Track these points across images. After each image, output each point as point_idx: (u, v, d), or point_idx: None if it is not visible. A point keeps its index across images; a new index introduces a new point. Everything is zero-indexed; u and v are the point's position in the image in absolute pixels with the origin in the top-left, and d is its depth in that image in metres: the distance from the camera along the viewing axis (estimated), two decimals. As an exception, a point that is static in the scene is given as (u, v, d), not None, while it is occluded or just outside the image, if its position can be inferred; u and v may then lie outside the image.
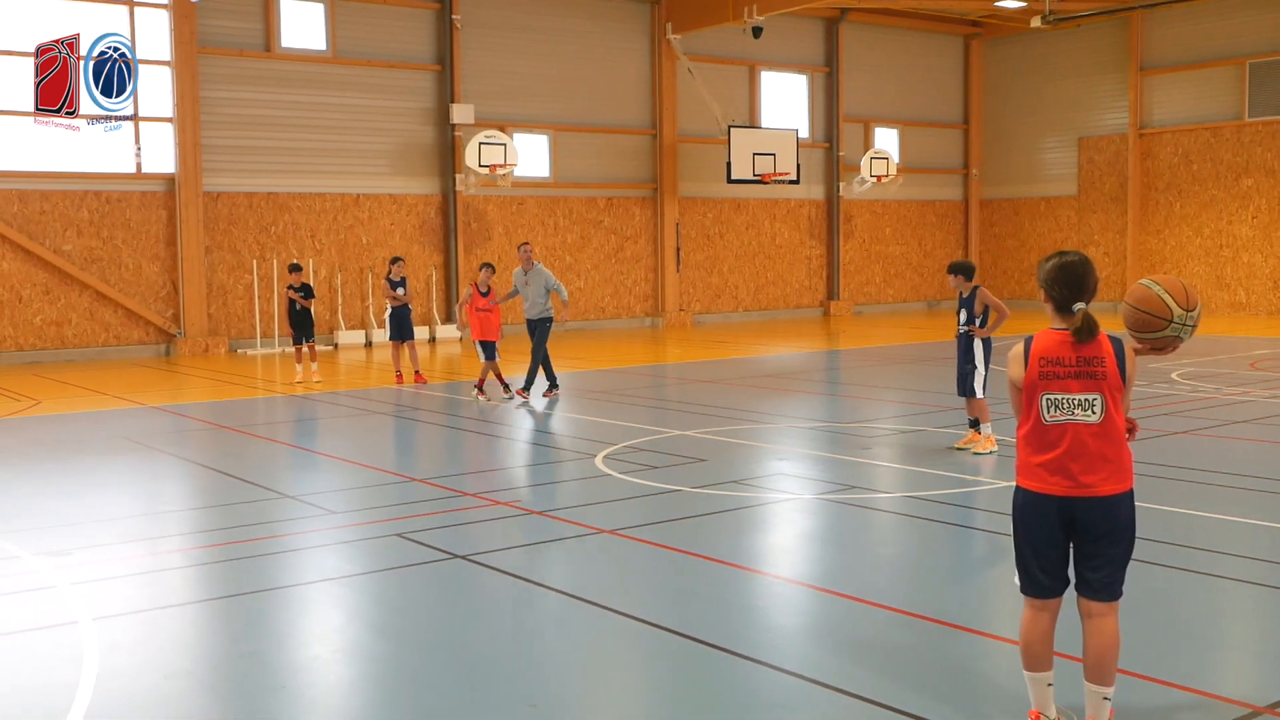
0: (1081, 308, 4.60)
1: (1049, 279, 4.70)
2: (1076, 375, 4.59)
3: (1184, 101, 32.03)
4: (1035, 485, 4.69)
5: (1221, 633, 6.34)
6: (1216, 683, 5.55)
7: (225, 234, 24.12)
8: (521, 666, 5.80)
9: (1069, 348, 4.60)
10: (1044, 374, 4.62)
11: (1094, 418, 4.58)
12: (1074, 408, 4.59)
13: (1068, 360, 4.60)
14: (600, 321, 29.48)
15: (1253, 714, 5.04)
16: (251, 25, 24.30)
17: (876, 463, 11.23)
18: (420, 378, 17.93)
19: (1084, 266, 4.69)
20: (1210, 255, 31.70)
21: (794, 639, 6.28)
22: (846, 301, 34.05)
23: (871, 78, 34.27)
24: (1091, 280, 4.68)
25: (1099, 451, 4.58)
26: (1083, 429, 4.59)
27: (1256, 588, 6.96)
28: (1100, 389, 4.58)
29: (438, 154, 26.79)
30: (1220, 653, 6.06)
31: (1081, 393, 4.58)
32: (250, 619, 6.64)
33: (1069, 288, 4.65)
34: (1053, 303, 4.70)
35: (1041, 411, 4.65)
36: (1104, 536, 4.63)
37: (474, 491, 9.90)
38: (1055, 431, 4.62)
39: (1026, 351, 4.69)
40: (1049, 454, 4.64)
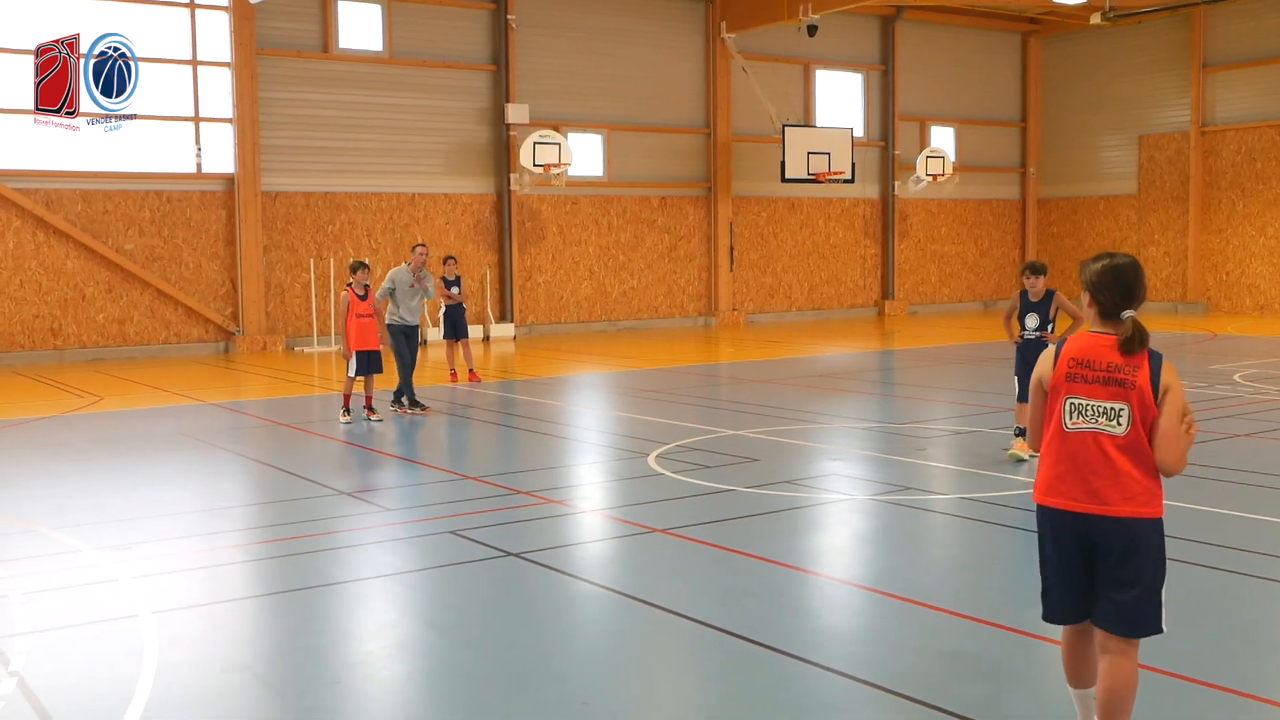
0: (1131, 315, 4.32)
1: (1097, 282, 4.39)
2: (1105, 381, 4.27)
3: (1248, 98, 31.49)
4: (1052, 500, 4.40)
5: (1278, 637, 6.24)
6: (1274, 688, 5.46)
7: (283, 233, 24.40)
8: (573, 664, 5.82)
9: (1103, 352, 4.31)
10: (1071, 375, 4.34)
11: (1119, 429, 4.25)
12: (1098, 415, 4.28)
13: (1098, 364, 4.30)
14: (653, 321, 29.49)
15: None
16: (309, 27, 24.56)
17: (931, 464, 11.15)
18: (474, 376, 18.02)
19: (1134, 271, 4.39)
20: (1274, 254, 31.15)
21: (846, 640, 6.26)
22: (901, 301, 33.83)
23: (927, 76, 34.00)
24: (1142, 286, 4.39)
25: (1123, 468, 4.25)
26: (1106, 440, 4.27)
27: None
28: (1129, 399, 4.23)
29: (492, 153, 26.93)
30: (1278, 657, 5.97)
31: (1108, 400, 4.26)
32: (306, 614, 6.71)
33: (1118, 293, 4.35)
34: (1098, 307, 4.39)
35: (1064, 416, 4.36)
36: (1122, 564, 4.29)
37: (527, 490, 9.94)
38: (1076, 440, 4.33)
39: (1058, 352, 4.43)
40: (1067, 464, 4.34)
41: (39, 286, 22.18)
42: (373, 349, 14.08)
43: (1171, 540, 7.76)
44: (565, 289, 28.18)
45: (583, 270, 28.40)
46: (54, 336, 22.37)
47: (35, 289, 22.15)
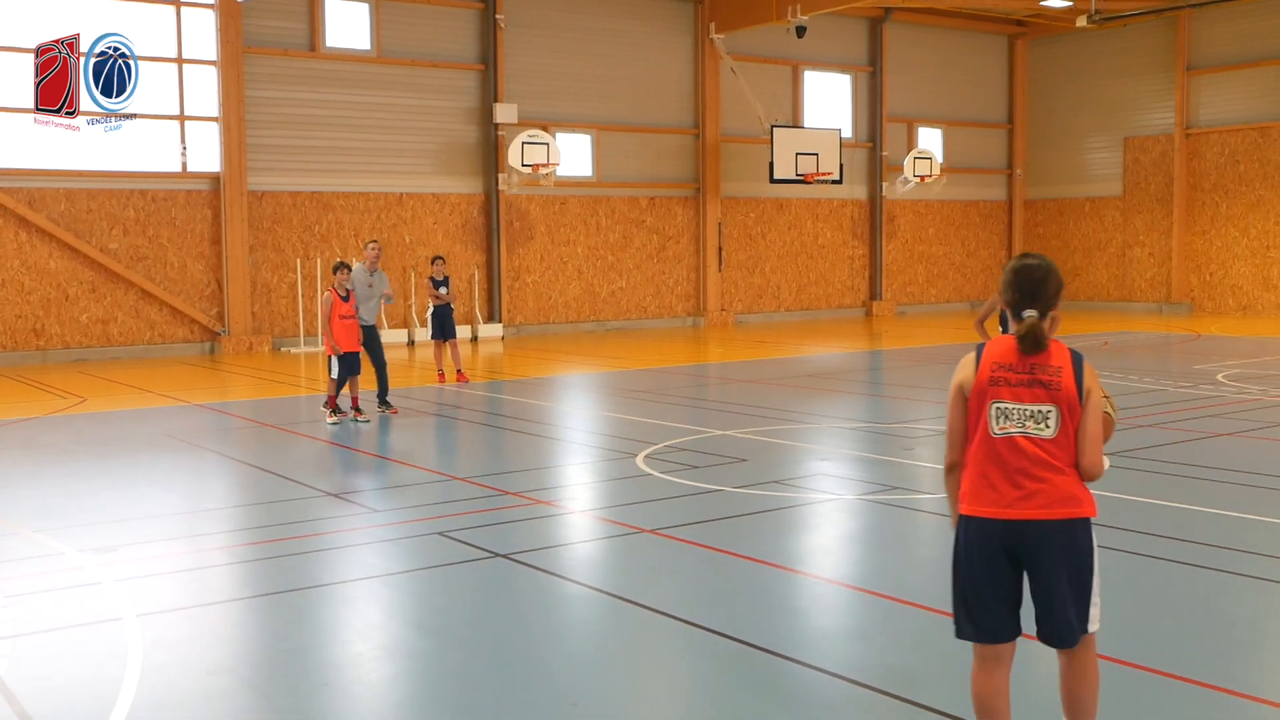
0: (1032, 315, 4.23)
1: (1005, 282, 4.35)
2: (1029, 384, 4.20)
3: (1231, 101, 31.62)
4: (978, 509, 4.26)
5: (1267, 636, 6.25)
6: (1259, 685, 5.47)
7: (269, 233, 24.32)
8: (562, 665, 5.80)
9: (1020, 354, 4.25)
10: (995, 379, 4.24)
11: (1047, 432, 4.19)
12: (1025, 419, 4.20)
13: (1020, 367, 4.22)
14: (642, 321, 29.48)
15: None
16: (297, 25, 24.49)
17: (919, 463, 11.15)
18: (462, 377, 17.99)
19: (1042, 272, 4.31)
20: (1257, 256, 31.28)
21: (835, 640, 6.25)
22: (889, 302, 33.87)
23: (915, 77, 34.07)
24: (1050, 287, 4.29)
25: (1054, 468, 4.18)
26: (1034, 444, 4.19)
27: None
28: (1056, 401, 4.18)
29: (481, 153, 26.88)
30: (1265, 656, 5.98)
31: (1033, 403, 4.19)
32: (292, 616, 6.68)
33: (1020, 292, 4.29)
34: (1008, 307, 4.33)
35: (990, 422, 4.24)
36: (1058, 570, 4.19)
37: (515, 490, 9.92)
38: (1004, 445, 4.22)
39: (979, 356, 4.33)
40: (997, 470, 4.22)
41: (21, 286, 22.06)
42: (355, 350, 14.03)
43: (1154, 538, 7.83)
44: (553, 289, 28.15)
45: (571, 270, 28.37)
46: (37, 337, 22.25)
47: (18, 289, 22.04)
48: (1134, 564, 7.29)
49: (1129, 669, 5.46)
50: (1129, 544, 7.67)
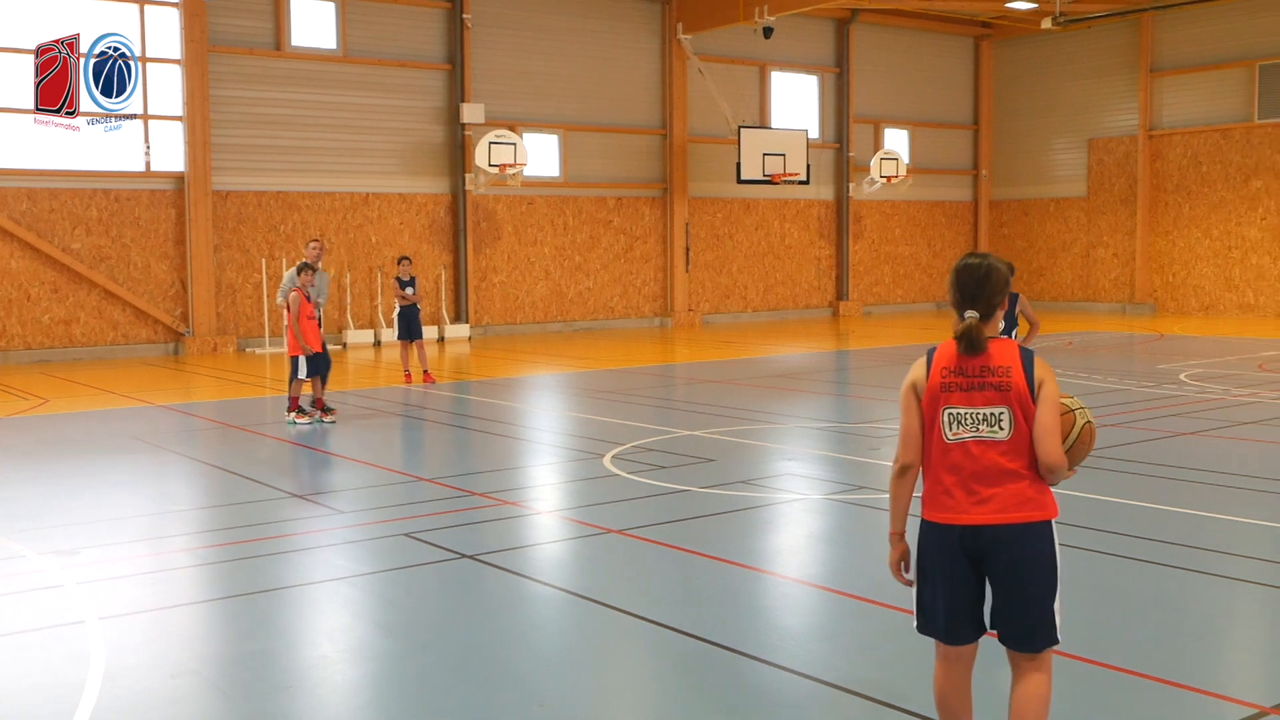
0: (972, 316, 4.15)
1: (950, 281, 4.28)
2: (980, 387, 4.10)
3: (1194, 103, 31.94)
4: (936, 514, 4.18)
5: (1231, 634, 6.31)
6: (1225, 684, 5.52)
7: (234, 233, 24.15)
8: (530, 667, 5.79)
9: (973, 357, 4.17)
10: (946, 385, 4.15)
11: (1002, 434, 4.08)
12: (979, 423, 4.10)
13: (970, 370, 4.13)
14: (609, 321, 29.47)
15: (1259, 714, 5.02)
16: (262, 24, 24.34)
17: (885, 463, 11.19)
18: (429, 377, 17.92)
19: (983, 270, 4.23)
20: (1219, 257, 31.61)
21: (803, 639, 6.27)
22: (855, 302, 34.00)
23: (882, 78, 34.22)
24: (992, 286, 4.20)
25: (1011, 471, 4.08)
26: (990, 447, 4.09)
27: (1266, 589, 6.93)
28: (1008, 402, 4.08)
29: (447, 153, 26.80)
30: (1229, 654, 6.04)
31: (986, 406, 4.09)
32: (257, 618, 6.64)
33: (961, 292, 4.23)
34: (953, 308, 4.28)
35: (943, 428, 4.15)
36: (1016, 574, 4.10)
37: (482, 491, 9.89)
38: (958, 451, 4.13)
39: (930, 359, 4.25)
40: (952, 477, 4.13)
41: (-16, 286, 21.83)
42: (319, 350, 14.01)
43: (1117, 536, 7.88)
44: (521, 289, 28.10)
45: (538, 271, 28.33)
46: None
47: (-20, 289, 21.80)
48: (1096, 562, 7.35)
49: (1092, 666, 5.50)
50: (1091, 542, 7.73)
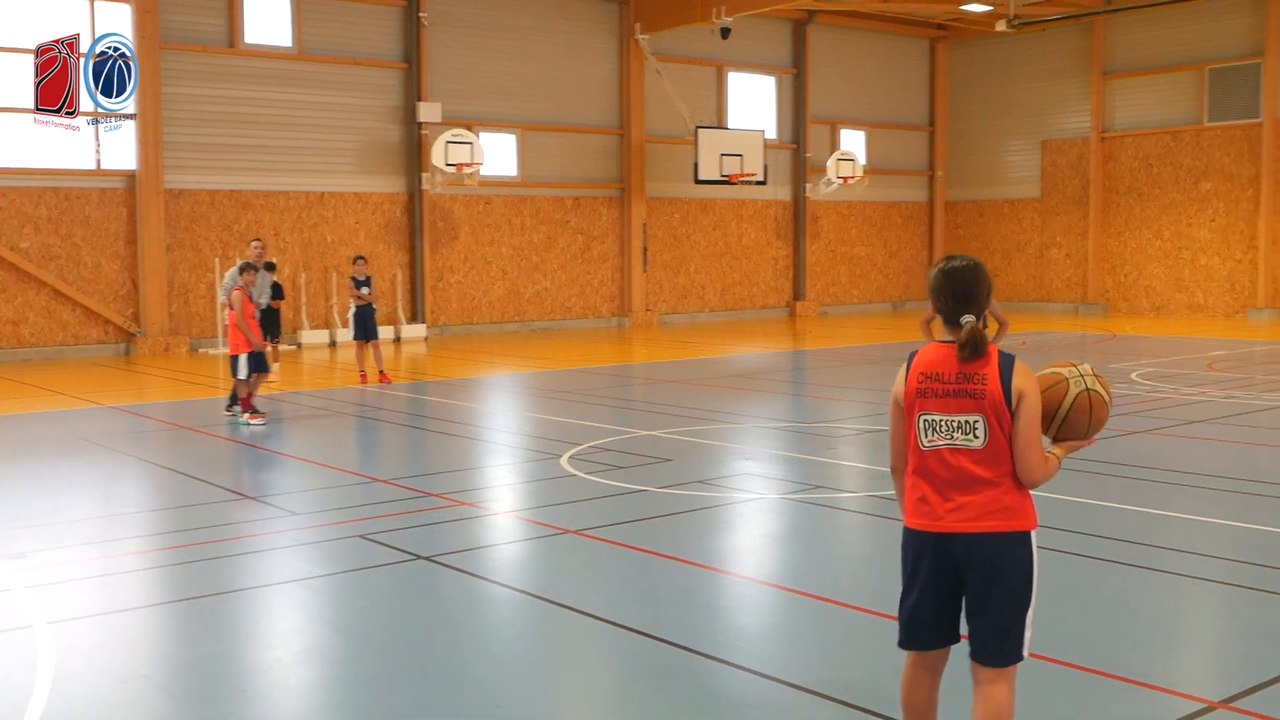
0: (970, 320, 4.04)
1: (935, 287, 4.14)
2: (956, 394, 4.01)
3: (1145, 106, 32.32)
4: (914, 521, 4.14)
5: (1180, 629, 6.38)
6: (1174, 679, 5.58)
7: (187, 232, 23.90)
8: (486, 668, 5.76)
9: (951, 363, 4.04)
10: (922, 391, 4.07)
11: (976, 443, 4.00)
12: (953, 430, 4.02)
13: (948, 376, 4.03)
14: (566, 321, 29.43)
15: (1207, 709, 5.07)
16: (215, 21, 24.10)
17: (842, 462, 11.25)
18: (385, 378, 17.82)
19: (973, 274, 4.12)
20: (1169, 257, 31.99)
21: (760, 639, 6.27)
22: (812, 302, 34.14)
23: (838, 80, 34.38)
24: (982, 289, 4.11)
25: (985, 480, 4.00)
26: (964, 456, 4.02)
27: (1214, 585, 7.01)
28: (982, 410, 3.98)
29: (404, 152, 26.66)
30: (1178, 649, 6.10)
31: (960, 414, 4.00)
32: (210, 622, 6.56)
33: (955, 298, 4.09)
34: (940, 314, 4.15)
35: (919, 435, 4.10)
36: (987, 584, 4.03)
37: (438, 492, 9.84)
38: (934, 458, 4.07)
39: (908, 366, 4.16)
40: (928, 484, 4.09)
41: (-70, 286, 21.49)
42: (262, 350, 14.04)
43: (1067, 534, 7.95)
44: (478, 290, 28.00)
45: (495, 271, 28.23)
46: (-53, 337, 21.68)
47: (-73, 288, 21.46)
48: (1049, 559, 7.40)
49: (1045, 663, 5.53)
50: (1043, 540, 7.78)
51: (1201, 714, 5.03)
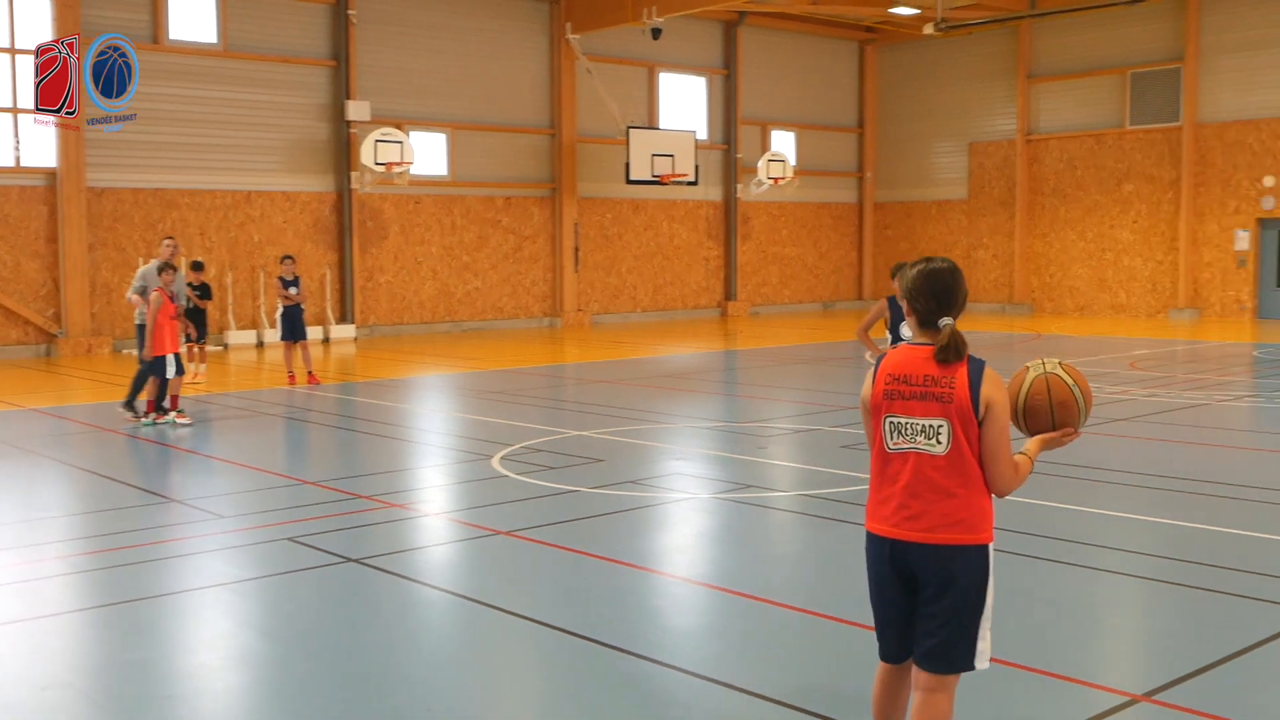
0: (949, 323, 3.99)
1: (913, 288, 4.06)
2: (922, 396, 3.93)
3: (1069, 109, 32.88)
4: (873, 525, 4.08)
5: (1103, 624, 6.49)
6: (1098, 672, 5.67)
7: (110, 231, 23.48)
8: (417, 670, 5.71)
9: (920, 365, 3.98)
10: (889, 393, 4.00)
11: (938, 448, 3.92)
12: (916, 434, 3.95)
13: (914, 378, 3.96)
14: (497, 321, 29.31)
15: (1130, 701, 5.17)
16: (138, 16, 23.69)
17: (773, 462, 11.31)
18: (313, 378, 17.63)
19: (952, 276, 4.05)
20: (1093, 258, 32.57)
21: (692, 638, 6.29)
22: (744, 302, 34.31)
23: (769, 81, 34.59)
24: (961, 292, 4.05)
25: (944, 489, 3.92)
26: (925, 461, 3.94)
27: (1137, 580, 7.14)
28: (947, 414, 3.90)
29: (332, 151, 26.39)
30: (1102, 643, 6.21)
31: (924, 417, 3.93)
32: (134, 627, 6.45)
33: (935, 299, 4.02)
34: (916, 315, 4.07)
35: (885, 437, 4.02)
36: (939, 594, 3.95)
37: (368, 494, 9.75)
38: (897, 462, 4.00)
39: (876, 368, 4.10)
40: (889, 487, 4.01)
41: None
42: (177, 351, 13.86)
43: (1000, 532, 8.03)
44: (408, 289, 27.80)
45: (426, 270, 28.05)
46: None
47: None
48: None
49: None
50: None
51: (1125, 707, 5.12)
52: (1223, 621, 6.31)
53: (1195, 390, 16.17)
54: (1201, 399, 15.22)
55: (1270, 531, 8.21)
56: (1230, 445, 12.22)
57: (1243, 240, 29.98)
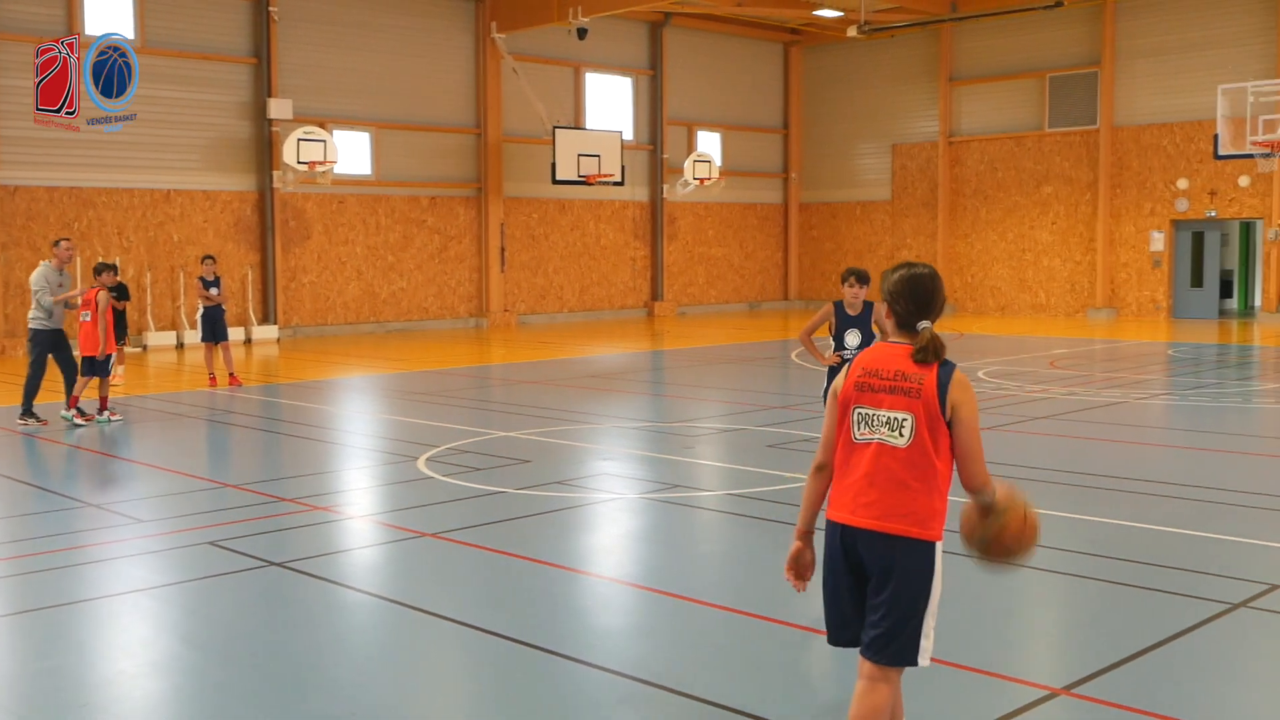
0: (927, 325, 4.16)
1: (895, 291, 4.21)
2: (891, 390, 4.07)
3: (990, 111, 33.39)
4: (831, 514, 4.17)
5: (1023, 620, 6.59)
6: (1018, 667, 5.76)
7: (24, 230, 22.96)
8: (341, 676, 5.65)
9: (894, 360, 4.13)
10: (860, 385, 4.14)
11: (900, 440, 4.04)
12: (881, 425, 4.07)
13: (885, 373, 4.11)
14: (423, 322, 29.10)
15: (1050, 695, 5.25)
16: (52, 11, 23.19)
17: (699, 461, 11.34)
18: (235, 380, 17.38)
19: (934, 281, 4.24)
20: (1013, 259, 33.10)
21: (619, 639, 6.28)
22: (670, 302, 34.39)
23: (695, 82, 34.71)
24: (940, 297, 4.22)
25: (901, 481, 4.03)
26: (886, 452, 4.05)
27: (1056, 575, 7.25)
28: (913, 409, 4.03)
29: (254, 149, 26.04)
30: (1022, 639, 6.31)
31: (891, 409, 4.06)
32: (50, 634, 6.30)
33: (915, 303, 4.18)
34: (896, 317, 4.22)
35: (852, 427, 4.15)
36: (882, 583, 4.04)
37: (291, 497, 9.63)
38: (860, 451, 4.12)
39: (850, 364, 4.25)
40: (849, 477, 4.13)
41: None
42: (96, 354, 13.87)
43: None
44: (331, 290, 27.51)
45: (350, 271, 27.77)
46: None
47: None
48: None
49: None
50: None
51: (1045, 700, 5.21)
52: (1142, 615, 6.44)
53: (1113, 388, 16.49)
54: (1119, 397, 15.53)
55: (1188, 527, 8.40)
56: (1147, 442, 12.48)
57: (1158, 241, 30.65)
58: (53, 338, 13.90)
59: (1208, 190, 29.76)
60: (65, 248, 14.25)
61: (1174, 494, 9.61)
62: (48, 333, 13.86)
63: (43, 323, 13.86)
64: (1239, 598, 6.62)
